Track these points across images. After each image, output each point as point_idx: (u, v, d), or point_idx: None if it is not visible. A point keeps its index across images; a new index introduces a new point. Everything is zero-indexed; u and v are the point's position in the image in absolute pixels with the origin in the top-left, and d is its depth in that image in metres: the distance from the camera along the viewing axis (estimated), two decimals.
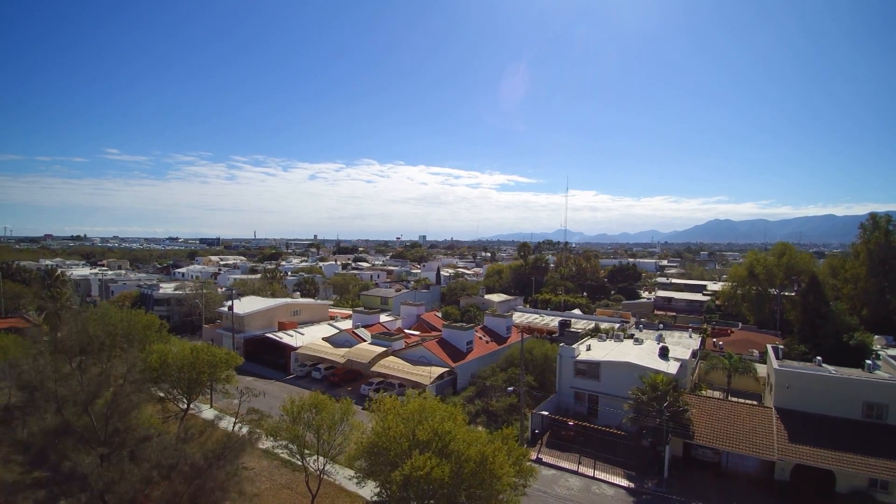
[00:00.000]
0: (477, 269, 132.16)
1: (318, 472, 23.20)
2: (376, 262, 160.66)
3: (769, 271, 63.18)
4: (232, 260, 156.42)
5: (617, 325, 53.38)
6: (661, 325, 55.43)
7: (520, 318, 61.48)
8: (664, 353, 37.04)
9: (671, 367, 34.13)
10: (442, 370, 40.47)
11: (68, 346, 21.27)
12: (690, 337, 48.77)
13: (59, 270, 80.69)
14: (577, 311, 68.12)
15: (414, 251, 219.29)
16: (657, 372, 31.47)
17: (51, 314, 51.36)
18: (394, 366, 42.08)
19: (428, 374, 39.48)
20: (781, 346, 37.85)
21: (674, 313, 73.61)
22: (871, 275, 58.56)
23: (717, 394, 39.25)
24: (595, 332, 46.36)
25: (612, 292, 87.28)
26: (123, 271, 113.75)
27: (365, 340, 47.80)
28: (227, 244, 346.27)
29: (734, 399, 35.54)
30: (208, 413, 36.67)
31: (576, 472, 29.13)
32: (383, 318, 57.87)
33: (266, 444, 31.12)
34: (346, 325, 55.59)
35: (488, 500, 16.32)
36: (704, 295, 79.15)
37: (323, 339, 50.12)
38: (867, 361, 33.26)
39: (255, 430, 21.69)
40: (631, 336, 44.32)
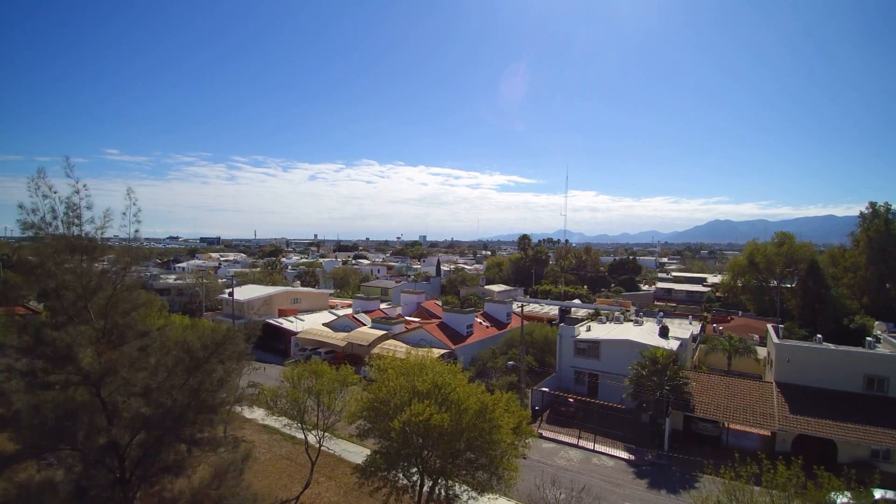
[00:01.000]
0: (477, 266, 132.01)
1: (318, 437, 23.15)
2: (376, 259, 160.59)
3: (769, 260, 63.14)
4: (232, 256, 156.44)
5: (617, 313, 53.31)
6: (661, 314, 55.39)
7: (519, 307, 61.35)
8: (664, 333, 37.02)
9: (671, 345, 34.12)
10: (442, 352, 40.41)
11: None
12: (690, 324, 48.74)
13: None
14: (576, 301, 68.07)
15: (414, 249, 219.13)
16: (657, 348, 31.44)
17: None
18: (394, 348, 42.07)
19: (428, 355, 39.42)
20: (782, 327, 37.79)
21: (674, 304, 73.53)
22: (871, 262, 58.50)
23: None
24: (595, 316, 46.33)
25: (612, 285, 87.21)
26: None
27: (365, 325, 47.78)
28: (227, 243, 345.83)
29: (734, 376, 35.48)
30: None
31: (576, 446, 29.08)
32: (383, 305, 57.91)
33: (267, 420, 31.30)
34: (347, 312, 55.59)
35: (488, 450, 16.27)
36: (704, 286, 79.10)
37: (323, 324, 50.11)
38: (868, 339, 33.20)
39: (256, 384, 21.80)
40: (631, 319, 44.29)
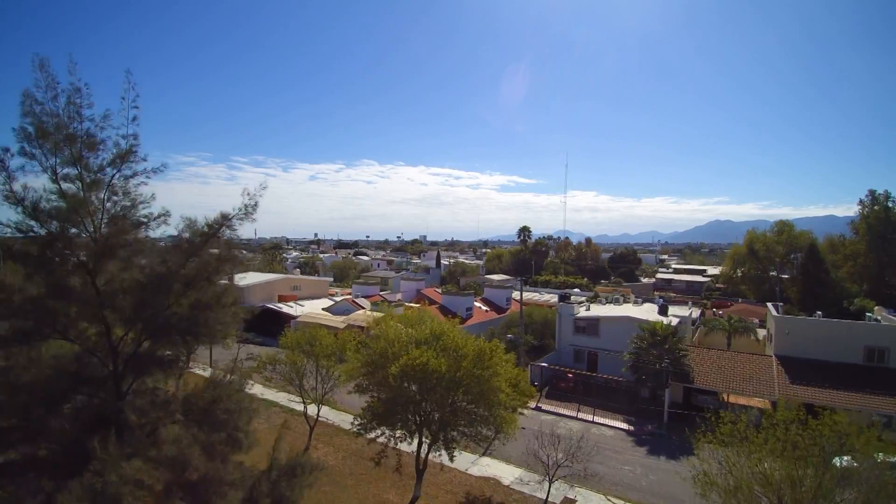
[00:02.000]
0: (477, 262, 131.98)
1: (316, 406, 23.21)
2: (377, 255, 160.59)
3: (769, 248, 63.14)
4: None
5: (616, 296, 53.29)
6: (661, 299, 55.33)
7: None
8: (664, 311, 37.00)
9: (671, 321, 34.08)
10: None
11: None
12: (690, 309, 48.70)
13: None
14: (576, 290, 68.03)
15: (414, 246, 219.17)
16: (657, 322, 31.43)
17: None
18: None
19: None
20: (781, 305, 37.78)
21: (674, 294, 73.48)
22: (871, 250, 58.42)
23: None
24: (594, 298, 46.34)
25: (612, 277, 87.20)
26: None
27: (364, 308, 47.78)
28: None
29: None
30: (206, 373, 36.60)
31: (575, 418, 29.05)
32: (383, 293, 57.93)
33: (266, 395, 31.37)
34: (346, 297, 55.64)
35: (486, 397, 16.27)
36: (704, 277, 79.09)
37: (322, 309, 50.15)
38: (868, 314, 33.17)
39: (253, 356, 21.84)
40: (630, 302, 44.28)
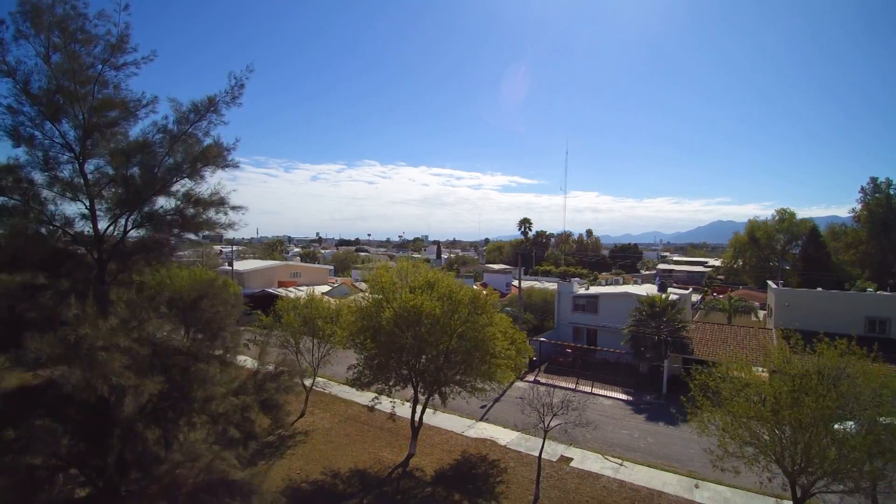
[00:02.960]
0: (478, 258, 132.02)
1: (313, 359, 23.15)
2: (378, 252, 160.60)
3: (770, 235, 62.91)
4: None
5: (617, 278, 53.16)
6: (660, 280, 55.17)
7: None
8: (663, 289, 36.83)
9: (669, 295, 33.94)
10: None
11: None
12: (690, 289, 48.57)
13: None
14: (577, 280, 67.84)
15: (415, 243, 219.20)
16: (656, 295, 31.30)
17: None
18: None
19: None
20: (782, 282, 37.59)
21: (675, 284, 73.29)
22: (873, 236, 58.19)
23: None
24: (594, 280, 46.20)
25: (613, 269, 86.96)
26: None
27: (363, 291, 47.74)
28: (228, 242, 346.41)
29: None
30: None
31: (573, 390, 28.87)
32: None
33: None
34: (346, 281, 55.67)
35: (481, 346, 16.16)
36: (705, 268, 78.86)
37: (322, 293, 50.13)
38: (868, 289, 32.97)
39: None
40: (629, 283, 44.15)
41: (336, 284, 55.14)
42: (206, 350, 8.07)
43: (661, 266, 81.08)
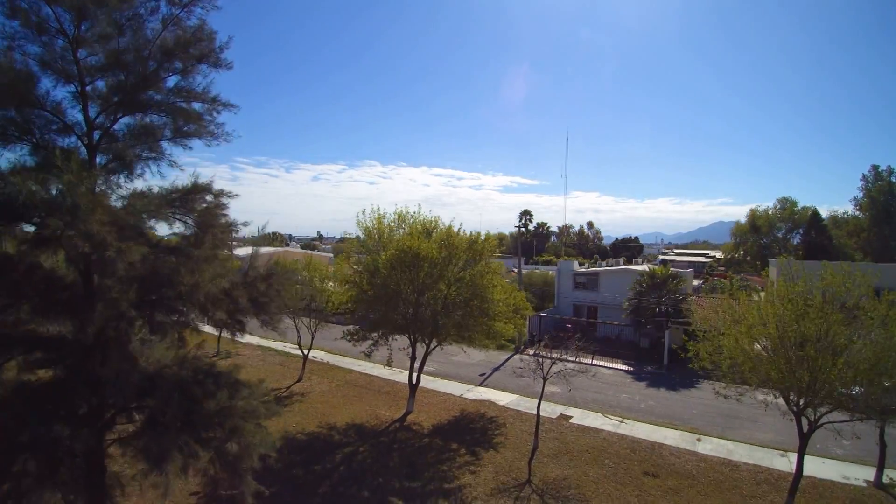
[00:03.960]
0: None
1: (311, 322, 23.07)
2: None
3: (771, 224, 62.65)
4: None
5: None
6: (661, 260, 54.98)
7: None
8: (664, 265, 36.62)
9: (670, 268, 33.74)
10: None
11: None
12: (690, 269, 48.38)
13: None
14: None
15: None
16: (657, 267, 31.12)
17: None
18: None
19: None
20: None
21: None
22: (875, 224, 57.91)
23: None
24: (595, 263, 45.99)
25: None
26: None
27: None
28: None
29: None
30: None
31: (574, 361, 28.64)
32: None
33: (263, 343, 31.23)
34: None
35: (480, 293, 15.99)
36: (706, 258, 78.62)
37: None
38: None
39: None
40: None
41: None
42: (197, 243, 7.91)
43: (662, 257, 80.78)
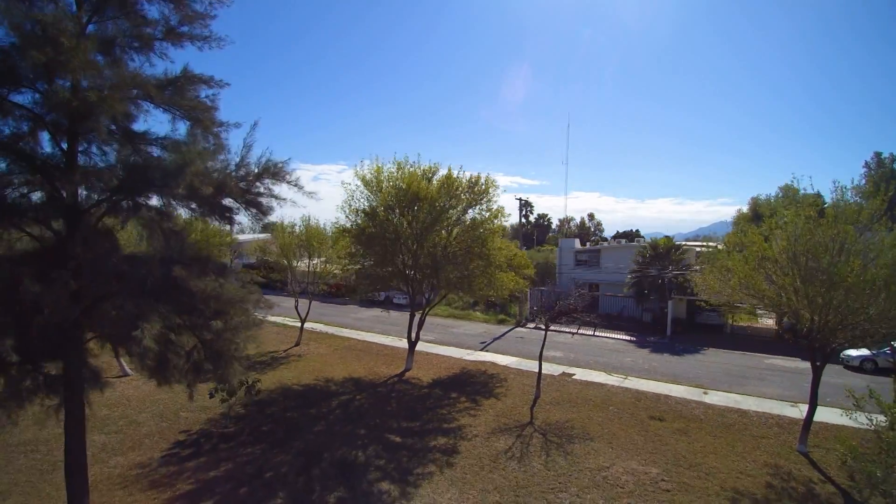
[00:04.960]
0: None
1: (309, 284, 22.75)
2: None
3: (774, 211, 62.17)
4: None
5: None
6: None
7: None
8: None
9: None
10: None
11: None
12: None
13: None
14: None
15: None
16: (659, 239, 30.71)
17: None
18: None
19: None
20: None
21: None
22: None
23: None
24: (596, 244, 45.62)
25: None
26: None
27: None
28: None
29: None
30: None
31: (576, 333, 28.25)
32: None
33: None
34: None
35: (481, 240, 15.61)
36: (708, 248, 78.10)
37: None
38: None
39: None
40: None
41: None
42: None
43: None
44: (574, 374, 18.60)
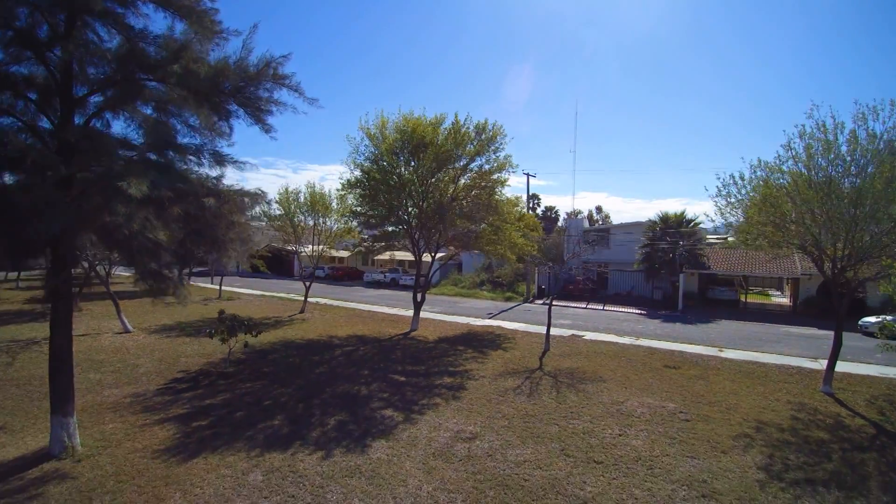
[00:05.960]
0: None
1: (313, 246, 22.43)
2: None
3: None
4: None
5: None
6: None
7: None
8: None
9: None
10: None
11: None
12: None
13: None
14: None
15: None
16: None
17: None
18: (397, 255, 41.37)
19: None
20: None
21: None
22: None
23: None
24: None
25: None
26: None
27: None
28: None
29: None
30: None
31: (585, 308, 27.69)
32: None
33: (266, 293, 30.46)
34: None
35: (486, 192, 15.17)
36: (717, 238, 77.10)
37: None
38: None
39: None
40: None
41: None
42: None
43: None
44: (584, 336, 18.06)
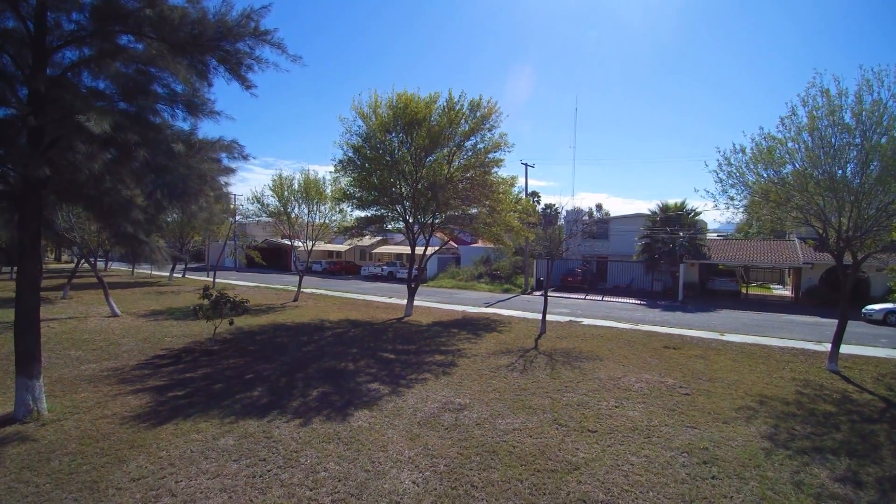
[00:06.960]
0: None
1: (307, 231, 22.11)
2: None
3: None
4: None
5: None
6: None
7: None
8: None
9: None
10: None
11: None
12: None
13: None
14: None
15: None
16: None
17: None
18: (395, 249, 41.08)
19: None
20: None
21: None
22: None
23: None
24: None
25: None
26: None
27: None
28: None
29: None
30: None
31: (584, 298, 27.29)
32: None
33: (261, 284, 30.08)
34: None
35: (482, 171, 14.79)
36: (719, 236, 76.66)
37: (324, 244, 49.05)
38: None
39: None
40: None
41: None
42: None
43: None
44: (582, 321, 17.66)
